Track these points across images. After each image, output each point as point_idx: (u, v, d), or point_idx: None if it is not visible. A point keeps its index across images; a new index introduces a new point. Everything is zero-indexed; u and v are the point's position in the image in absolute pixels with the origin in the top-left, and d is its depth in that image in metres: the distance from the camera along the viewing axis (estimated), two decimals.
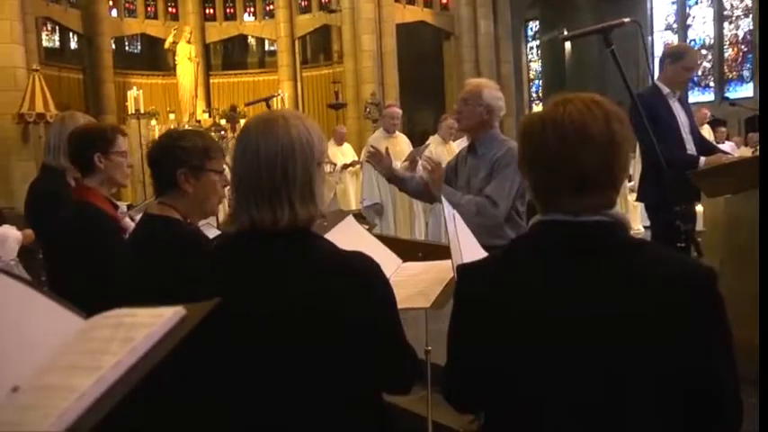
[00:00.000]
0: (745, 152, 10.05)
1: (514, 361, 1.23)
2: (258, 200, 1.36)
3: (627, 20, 2.41)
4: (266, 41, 15.71)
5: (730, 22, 17.02)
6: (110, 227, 2.40)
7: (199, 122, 12.84)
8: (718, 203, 3.33)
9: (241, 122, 10.53)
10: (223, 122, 12.55)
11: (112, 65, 13.37)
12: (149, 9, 14.63)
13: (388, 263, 2.34)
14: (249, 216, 1.37)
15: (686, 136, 3.96)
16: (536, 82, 20.20)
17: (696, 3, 17.66)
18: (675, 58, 3.99)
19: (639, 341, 1.15)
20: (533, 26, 20.04)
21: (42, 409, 0.65)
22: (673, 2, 17.96)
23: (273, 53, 15.38)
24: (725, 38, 17.17)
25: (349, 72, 13.88)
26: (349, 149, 9.78)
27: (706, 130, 9.75)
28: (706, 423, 1.20)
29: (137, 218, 2.33)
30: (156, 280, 1.48)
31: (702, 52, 17.05)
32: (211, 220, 3.05)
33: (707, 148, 4.05)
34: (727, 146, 9.36)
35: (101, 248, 2.25)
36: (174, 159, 1.95)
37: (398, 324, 1.43)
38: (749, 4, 16.31)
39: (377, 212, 7.00)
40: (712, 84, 17.33)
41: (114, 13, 14.07)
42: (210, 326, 1.32)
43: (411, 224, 7.10)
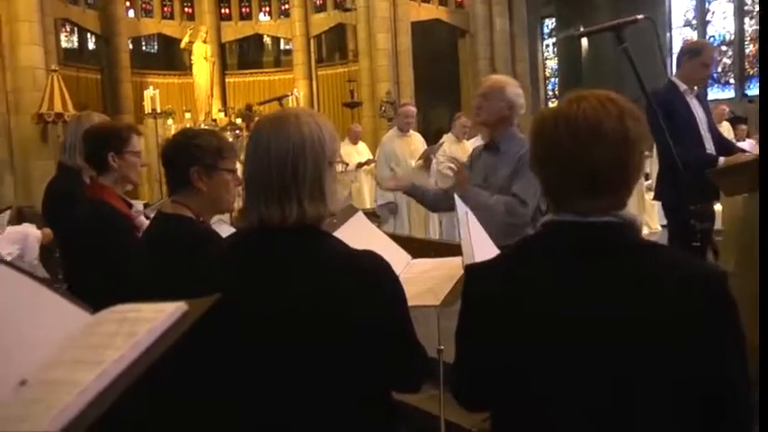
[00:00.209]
0: None
1: (523, 360, 1.23)
2: (268, 197, 1.36)
3: (640, 17, 2.39)
4: (281, 40, 15.76)
5: (751, 18, 16.74)
6: (123, 226, 2.42)
7: (215, 121, 12.92)
8: (736, 202, 3.28)
9: (255, 122, 10.57)
10: (239, 121, 12.61)
11: (129, 65, 13.49)
12: (166, 9, 14.74)
13: (398, 259, 2.33)
14: (258, 213, 1.38)
15: (704, 133, 3.91)
16: (552, 80, 20.08)
17: None
18: (693, 55, 3.94)
19: (648, 343, 1.14)
20: (549, 23, 19.93)
21: (46, 403, 0.66)
22: None
23: (289, 52, 15.42)
24: (745, 33, 16.90)
25: (364, 71, 13.88)
26: (364, 148, 9.78)
27: (725, 128, 9.62)
28: (716, 426, 1.18)
29: (152, 216, 2.35)
30: (169, 278, 1.49)
31: (722, 48, 16.84)
32: (226, 218, 3.06)
33: (726, 147, 4.00)
34: (746, 143, 9.23)
35: (114, 248, 2.28)
36: (188, 157, 1.96)
37: (409, 323, 1.43)
38: None
39: (391, 211, 6.99)
40: (732, 81, 17.11)
41: (131, 14, 14.19)
42: (222, 324, 1.34)
43: (425, 223, 7.09)
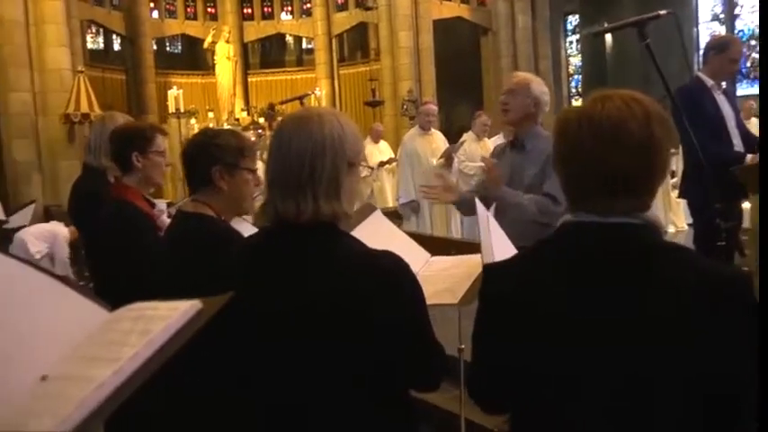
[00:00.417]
0: None
1: (540, 361, 1.21)
2: (284, 193, 1.38)
3: (662, 12, 2.35)
4: (303, 40, 15.84)
5: None
6: (146, 226, 2.45)
7: (237, 121, 13.02)
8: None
9: (279, 120, 10.62)
10: (261, 120, 12.70)
11: (154, 65, 13.67)
12: (189, 10, 14.90)
13: (416, 257, 2.33)
14: (275, 208, 1.40)
15: (732, 130, 3.84)
16: (575, 77, 19.88)
17: None
18: (720, 50, 3.87)
19: (667, 344, 1.12)
20: (572, 20, 19.73)
21: (64, 398, 0.68)
22: None
23: (311, 51, 15.49)
24: None
25: (386, 69, 13.89)
26: (386, 147, 9.79)
27: (753, 124, 9.44)
28: (730, 426, 1.15)
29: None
30: (190, 277, 1.50)
31: (751, 43, 16.53)
32: (248, 217, 3.09)
33: (754, 143, 3.92)
34: None
35: (137, 248, 2.30)
36: (209, 157, 1.98)
37: (427, 322, 1.43)
38: None
39: (413, 210, 6.98)
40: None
41: (155, 15, 14.37)
42: (240, 322, 1.35)
43: (447, 222, 7.08)
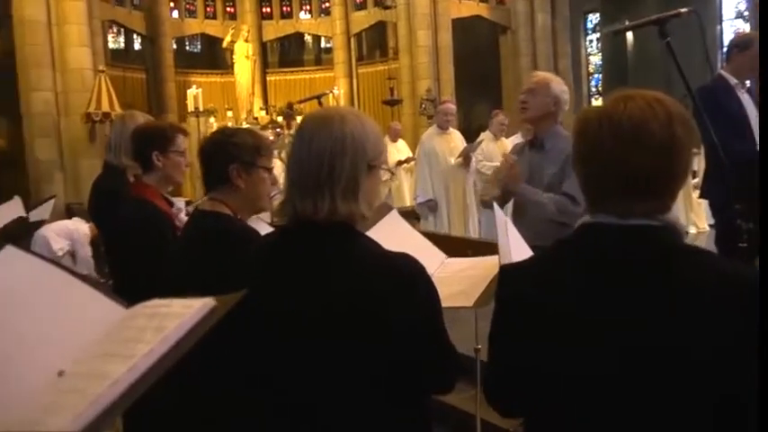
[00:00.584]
0: None
1: (556, 363, 1.20)
2: (303, 191, 1.39)
3: (684, 10, 2.31)
4: (322, 39, 15.87)
5: None
6: (164, 225, 2.47)
7: (256, 120, 13.07)
8: None
9: (297, 119, 10.67)
10: (279, 120, 12.74)
11: (173, 64, 13.77)
12: (208, 9, 15.00)
13: (432, 258, 2.33)
14: (293, 205, 1.40)
15: (756, 128, 3.78)
16: (595, 76, 19.72)
17: None
18: (743, 47, 3.80)
19: (684, 348, 1.10)
20: (593, 18, 19.57)
21: (80, 394, 0.69)
22: None
23: (329, 50, 15.52)
24: None
25: (404, 68, 13.86)
26: (404, 146, 9.79)
27: None
28: (743, 427, 1.14)
29: None
30: (206, 274, 1.51)
31: None
32: (265, 216, 3.10)
33: None
34: None
35: (156, 248, 2.31)
36: (227, 155, 1.99)
37: (442, 324, 1.43)
38: None
39: (430, 209, 6.97)
40: None
41: (175, 14, 14.48)
42: (256, 320, 1.35)
43: (465, 221, 7.05)
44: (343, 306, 1.32)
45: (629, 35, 17.48)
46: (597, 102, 18.22)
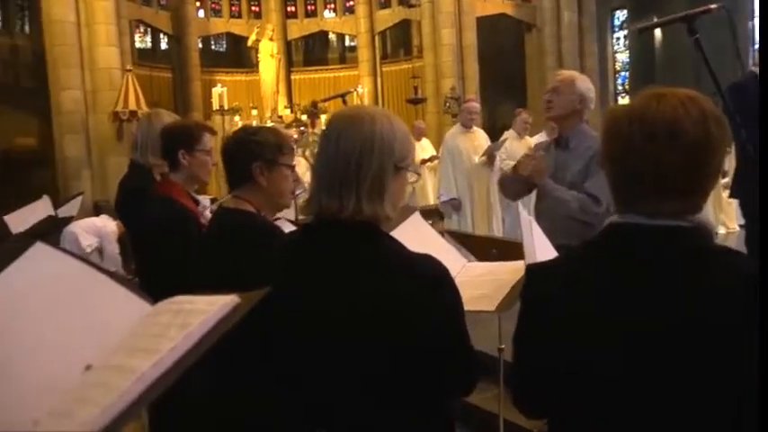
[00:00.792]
0: None
1: (583, 364, 1.19)
2: (329, 189, 1.38)
3: (714, 6, 2.26)
4: (347, 37, 15.91)
5: None
6: (191, 224, 2.48)
7: (280, 118, 13.14)
8: None
9: (321, 118, 10.70)
10: (304, 118, 12.79)
11: (199, 63, 13.90)
12: (234, 8, 15.12)
13: (453, 262, 2.32)
14: (318, 202, 1.40)
15: None
16: (622, 74, 19.47)
17: None
18: None
19: (713, 348, 1.09)
20: (620, 15, 19.33)
21: (106, 387, 0.71)
22: None
23: (354, 49, 15.55)
24: None
25: (429, 66, 13.84)
26: (428, 144, 9.77)
27: None
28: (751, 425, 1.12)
29: None
30: (230, 271, 1.52)
31: None
32: (288, 214, 3.11)
33: None
34: None
35: (181, 247, 2.33)
36: (249, 153, 2.01)
37: (464, 327, 1.42)
38: None
39: (454, 208, 6.95)
40: None
41: (201, 14, 14.62)
42: (278, 318, 1.36)
43: (488, 220, 7.02)
44: (367, 306, 1.32)
45: (657, 32, 17.20)
46: (624, 100, 17.98)
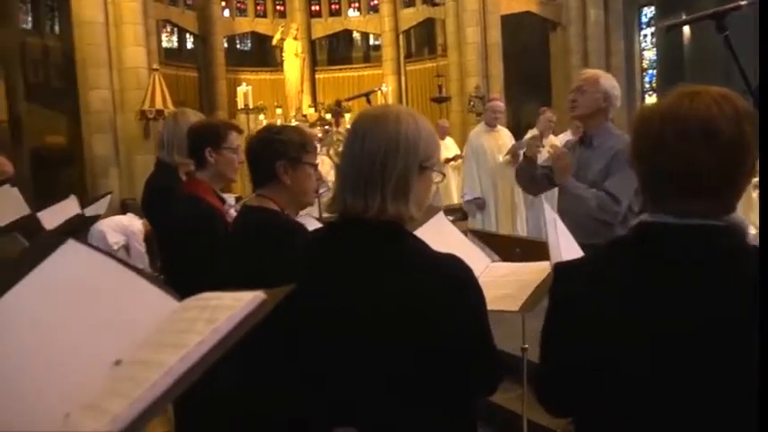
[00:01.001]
0: None
1: (611, 363, 1.18)
2: (354, 188, 1.39)
3: (744, 2, 2.22)
4: (371, 36, 15.93)
5: None
6: (217, 222, 2.50)
7: (305, 117, 13.20)
8: None
9: (346, 117, 10.73)
10: (328, 117, 12.84)
11: (224, 62, 14.02)
12: (259, 8, 15.24)
13: (477, 262, 2.32)
14: (343, 201, 1.41)
15: None
16: (650, 72, 19.20)
17: None
18: None
19: (745, 348, 1.07)
20: (648, 12, 19.06)
21: (135, 381, 0.73)
22: None
23: (378, 47, 15.57)
24: None
25: (453, 65, 13.80)
26: (452, 143, 9.74)
27: None
28: None
29: None
30: (255, 268, 1.53)
31: None
32: (313, 212, 3.14)
33: None
34: None
35: (207, 245, 2.35)
36: (273, 152, 2.03)
37: (488, 327, 1.42)
38: None
39: (478, 207, 6.92)
40: None
41: (226, 13, 14.75)
42: (304, 315, 1.37)
43: (513, 219, 6.98)
44: (391, 305, 1.32)
45: (685, 29, 16.90)
46: (651, 98, 17.72)
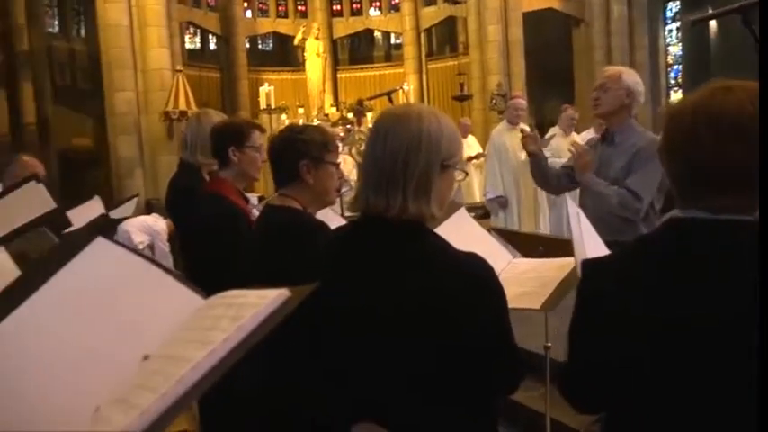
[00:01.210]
0: None
1: (636, 359, 1.17)
2: (377, 186, 1.39)
3: None
4: (392, 35, 15.94)
5: None
6: (241, 221, 2.51)
7: (326, 116, 13.26)
8: None
9: (367, 116, 10.76)
10: (350, 116, 12.87)
11: (246, 63, 14.14)
12: (280, 8, 15.35)
13: (499, 258, 2.31)
14: (366, 200, 1.41)
15: None
16: (675, 67, 18.93)
17: None
18: None
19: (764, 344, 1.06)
20: (673, 6, 18.79)
21: (164, 376, 0.75)
22: None
23: (399, 46, 15.58)
24: None
25: (474, 63, 13.76)
26: (474, 142, 9.71)
27: None
28: None
29: None
30: (278, 266, 1.55)
31: None
32: (336, 209, 3.15)
33: None
34: None
35: (231, 245, 2.36)
36: (296, 152, 2.04)
37: (509, 325, 1.42)
38: None
39: (501, 205, 6.88)
40: None
41: (248, 14, 14.87)
42: (326, 314, 1.38)
43: (535, 217, 6.93)
44: (413, 304, 1.32)
45: (712, 23, 16.65)
46: (677, 95, 17.47)
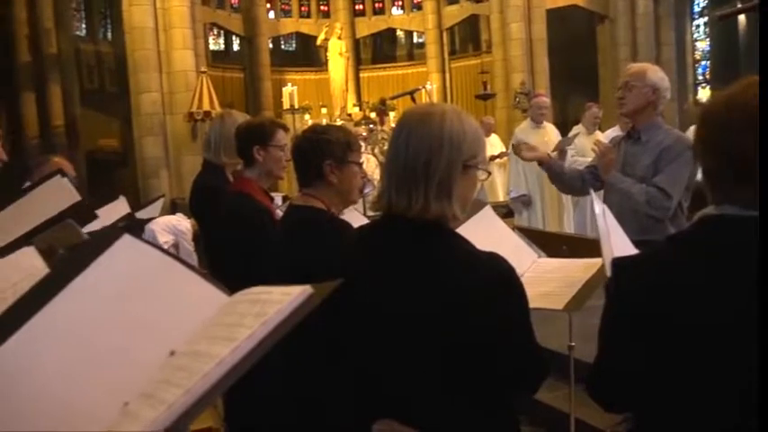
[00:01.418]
0: None
1: (665, 359, 1.16)
2: (399, 186, 1.39)
3: None
4: (414, 34, 15.93)
5: None
6: (266, 219, 2.53)
7: (349, 116, 13.29)
8: None
9: (390, 115, 10.76)
10: (373, 116, 12.88)
11: (270, 63, 14.23)
12: (303, 8, 15.42)
13: (523, 257, 2.30)
14: (388, 199, 1.42)
15: None
16: (702, 63, 18.63)
17: None
18: None
19: None
20: (700, 1, 18.50)
21: (189, 371, 0.76)
22: None
23: (422, 45, 15.56)
24: None
25: (497, 61, 13.69)
26: (497, 141, 9.66)
27: None
28: None
29: None
30: (301, 264, 1.56)
31: None
32: (360, 208, 3.17)
33: None
34: None
35: (255, 244, 2.38)
36: (320, 152, 2.05)
37: (530, 326, 1.42)
38: None
39: (524, 204, 6.85)
40: None
41: (271, 15, 14.97)
42: (345, 313, 1.38)
43: (559, 216, 6.89)
44: (434, 304, 1.33)
45: (741, 18, 16.36)
46: (704, 91, 17.21)
